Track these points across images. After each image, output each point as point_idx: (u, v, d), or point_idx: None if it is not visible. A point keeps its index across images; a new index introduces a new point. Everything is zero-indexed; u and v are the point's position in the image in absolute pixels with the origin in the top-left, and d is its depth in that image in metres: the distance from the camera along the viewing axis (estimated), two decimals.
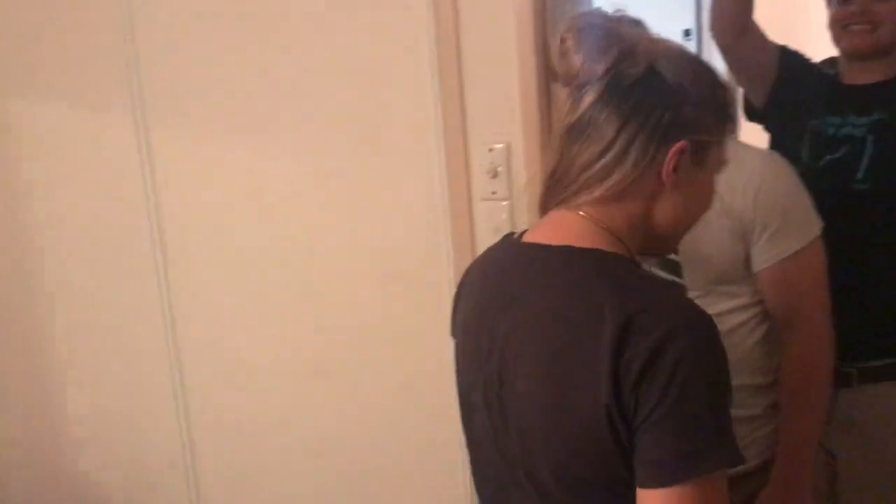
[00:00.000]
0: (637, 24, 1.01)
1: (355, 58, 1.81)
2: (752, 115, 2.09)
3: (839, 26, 1.86)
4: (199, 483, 2.19)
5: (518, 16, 1.65)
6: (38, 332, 2.27)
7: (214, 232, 2.03)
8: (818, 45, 2.02)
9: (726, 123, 1.03)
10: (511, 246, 1.10)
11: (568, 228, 1.00)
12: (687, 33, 4.27)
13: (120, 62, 1.99)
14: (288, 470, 2.10)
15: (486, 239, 1.73)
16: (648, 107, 0.96)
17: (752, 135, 2.11)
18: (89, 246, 2.15)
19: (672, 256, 1.51)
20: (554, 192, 1.01)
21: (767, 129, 2.08)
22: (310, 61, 1.85)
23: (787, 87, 1.99)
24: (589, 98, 0.95)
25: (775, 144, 2.04)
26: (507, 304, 1.02)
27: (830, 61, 1.98)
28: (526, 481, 1.00)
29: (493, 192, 1.75)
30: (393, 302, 1.90)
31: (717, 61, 4.45)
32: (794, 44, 2.06)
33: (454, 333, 1.19)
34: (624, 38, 0.96)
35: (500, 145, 1.72)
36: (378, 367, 1.95)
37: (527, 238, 1.06)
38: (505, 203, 1.75)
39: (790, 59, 2.01)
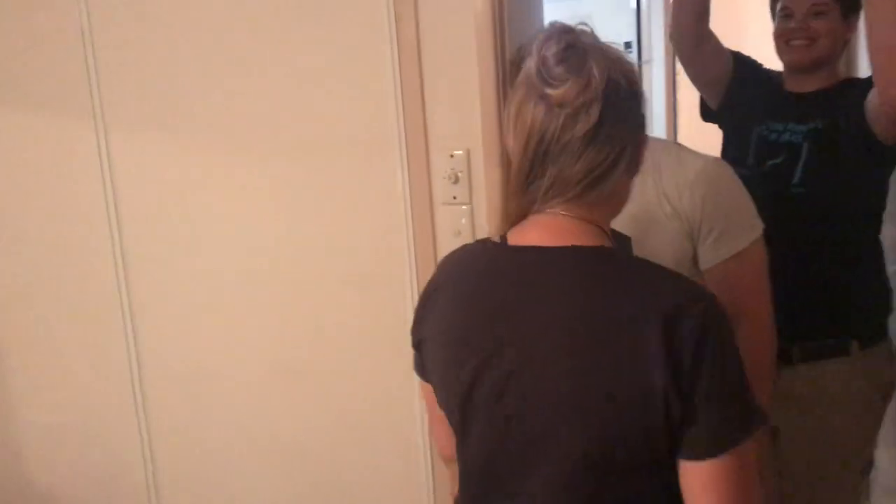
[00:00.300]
0: (597, 38, 1.08)
1: (320, 66, 1.84)
2: (708, 116, 2.23)
3: (782, 41, 2.01)
4: (159, 492, 2.19)
5: (477, 26, 1.70)
6: None
7: (175, 236, 2.03)
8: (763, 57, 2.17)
9: None
10: (497, 250, 1.11)
11: (561, 229, 1.05)
12: (628, 45, 4.43)
13: (79, 68, 1.99)
14: (251, 476, 2.10)
15: (448, 242, 1.79)
16: (633, 113, 1.07)
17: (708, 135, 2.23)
18: (48, 253, 2.13)
19: None
20: (545, 198, 1.05)
21: (721, 128, 2.21)
22: (275, 68, 1.87)
23: (738, 92, 2.13)
24: (595, 112, 1.01)
25: (727, 145, 2.17)
26: (513, 306, 1.05)
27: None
28: (547, 474, 1.04)
29: (454, 197, 1.79)
30: (355, 305, 1.93)
31: (656, 70, 4.59)
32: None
33: (420, 342, 1.19)
34: (605, 53, 1.04)
35: (461, 151, 1.77)
36: (340, 370, 1.97)
37: (515, 242, 1.08)
38: (465, 207, 1.79)
39: (743, 66, 2.16)
